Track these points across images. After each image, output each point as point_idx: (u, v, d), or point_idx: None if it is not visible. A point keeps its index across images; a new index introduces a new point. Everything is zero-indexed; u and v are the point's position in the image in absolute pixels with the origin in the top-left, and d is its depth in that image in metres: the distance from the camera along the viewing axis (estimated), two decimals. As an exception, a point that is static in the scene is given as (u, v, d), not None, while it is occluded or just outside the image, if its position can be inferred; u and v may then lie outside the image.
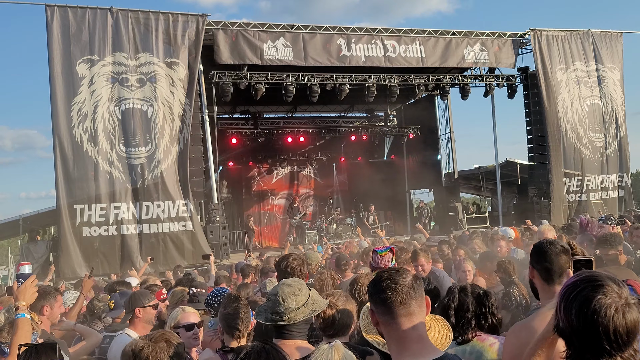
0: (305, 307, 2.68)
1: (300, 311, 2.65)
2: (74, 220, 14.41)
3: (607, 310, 1.55)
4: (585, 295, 1.59)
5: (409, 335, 1.96)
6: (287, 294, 2.66)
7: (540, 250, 2.78)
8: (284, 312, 2.62)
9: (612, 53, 21.06)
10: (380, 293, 2.01)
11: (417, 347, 1.96)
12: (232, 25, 16.57)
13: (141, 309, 4.02)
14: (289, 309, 2.63)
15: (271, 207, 25.30)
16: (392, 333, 2.00)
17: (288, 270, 4.16)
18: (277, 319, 2.63)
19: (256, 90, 16.77)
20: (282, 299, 2.64)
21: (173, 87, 15.57)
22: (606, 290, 1.59)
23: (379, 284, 2.04)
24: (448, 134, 23.68)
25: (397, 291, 1.98)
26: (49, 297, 4.03)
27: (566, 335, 1.63)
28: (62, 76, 14.58)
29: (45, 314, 3.94)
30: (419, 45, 18.34)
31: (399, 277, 2.02)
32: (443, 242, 8.92)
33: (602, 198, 20.45)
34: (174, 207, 15.34)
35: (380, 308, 2.02)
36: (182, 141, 15.57)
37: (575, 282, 1.64)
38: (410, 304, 1.98)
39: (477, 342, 2.99)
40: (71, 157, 14.49)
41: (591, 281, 1.62)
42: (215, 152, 17.12)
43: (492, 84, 19.74)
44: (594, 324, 1.55)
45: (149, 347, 2.57)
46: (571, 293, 1.62)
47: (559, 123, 19.63)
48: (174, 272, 10.67)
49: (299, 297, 2.68)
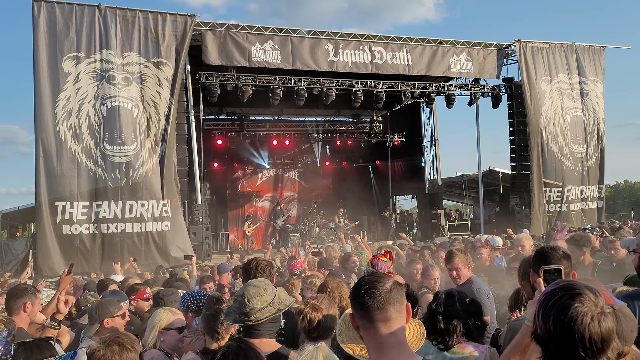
0: (271, 307, 2.73)
1: (266, 310, 2.71)
2: (55, 218, 14.24)
3: (583, 318, 1.60)
4: (563, 303, 1.64)
5: (387, 340, 1.98)
6: (253, 294, 2.72)
7: (543, 256, 2.85)
8: (250, 313, 2.68)
9: (595, 66, 21.41)
10: (359, 297, 2.03)
11: (394, 352, 1.98)
12: (220, 27, 16.56)
13: (110, 319, 3.91)
14: (255, 309, 2.68)
15: (255, 209, 25.26)
16: (371, 338, 2.02)
17: (258, 269, 4.20)
18: (244, 319, 2.68)
19: (243, 92, 16.76)
20: (247, 300, 2.69)
21: (160, 87, 15.50)
22: (583, 299, 1.64)
23: (359, 289, 2.05)
24: (433, 141, 23.86)
25: (374, 296, 1.99)
26: (30, 294, 4.00)
27: (543, 342, 1.67)
28: (48, 72, 14.42)
29: (27, 311, 3.92)
30: (405, 52, 18.48)
31: (378, 282, 2.04)
32: (425, 248, 9.02)
33: (582, 209, 20.76)
34: (158, 207, 15.25)
35: (358, 312, 2.04)
36: (167, 141, 15.49)
37: (554, 290, 1.69)
38: (388, 309, 1.99)
39: (458, 350, 3.03)
40: (54, 154, 14.32)
41: (569, 290, 1.67)
42: (200, 153, 17.08)
43: (477, 93, 19.97)
44: (570, 331, 1.60)
45: (101, 351, 2.64)
46: (550, 300, 1.67)
47: (541, 134, 19.90)
48: (156, 273, 10.61)
49: (264, 297, 2.74)
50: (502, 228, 14.32)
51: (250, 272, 4.25)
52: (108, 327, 3.86)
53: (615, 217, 22.71)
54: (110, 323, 3.90)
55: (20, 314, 3.86)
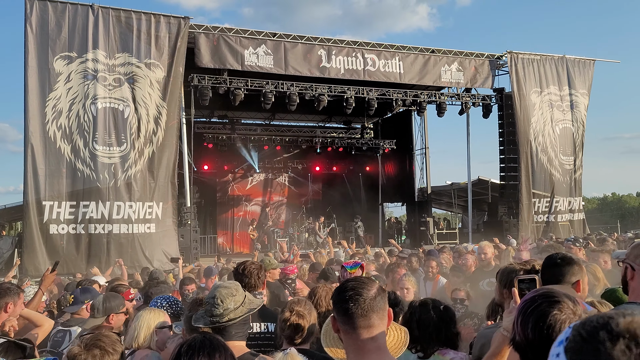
0: (243, 307, 2.75)
1: (239, 310, 2.72)
2: (42, 217, 14.14)
3: (561, 326, 1.61)
4: (541, 310, 1.65)
5: (367, 345, 1.98)
6: (225, 295, 2.72)
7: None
8: (223, 313, 2.68)
9: (584, 79, 21.63)
10: (343, 303, 2.02)
11: (374, 357, 1.98)
12: (214, 30, 16.57)
13: (115, 315, 3.94)
14: (229, 309, 2.69)
15: (244, 213, 25.21)
16: (351, 342, 2.01)
17: (245, 273, 4.20)
18: (216, 321, 2.68)
19: (235, 95, 16.76)
20: (220, 301, 2.70)
21: (151, 88, 15.46)
22: (562, 307, 1.66)
23: (343, 294, 2.04)
24: (423, 150, 23.95)
25: (359, 303, 1.98)
26: (12, 295, 3.95)
27: (521, 349, 1.69)
28: (38, 71, 14.34)
29: (9, 311, 3.88)
30: (398, 60, 18.57)
31: (363, 288, 2.03)
32: (413, 255, 9.03)
33: (569, 220, 20.92)
34: (145, 209, 15.19)
35: (341, 317, 2.03)
36: (154, 144, 15.44)
37: (534, 298, 1.71)
38: (371, 317, 1.98)
39: (439, 356, 3.04)
40: (43, 153, 14.23)
41: (548, 297, 1.69)
42: (190, 156, 17.04)
43: (468, 103, 20.10)
44: (548, 338, 1.61)
45: (82, 356, 2.61)
46: (529, 308, 1.69)
47: (530, 145, 20.06)
48: (142, 274, 10.54)
49: (237, 297, 2.76)
50: (490, 237, 14.34)
51: (239, 275, 4.25)
52: (112, 323, 3.86)
53: (603, 229, 22.88)
54: (115, 319, 3.90)
55: (0, 314, 3.81)
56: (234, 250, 23.58)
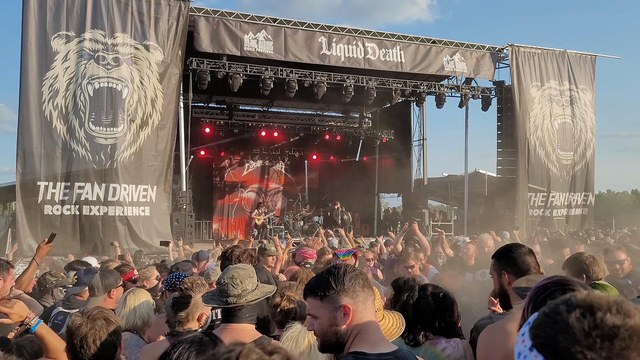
0: (258, 290, 2.72)
1: (256, 293, 2.69)
2: (36, 198, 14.06)
3: None
4: (554, 297, 1.62)
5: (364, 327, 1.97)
6: (244, 276, 2.68)
7: (506, 251, 2.85)
8: (241, 294, 2.63)
9: (586, 75, 21.58)
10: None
11: (372, 338, 1.96)
12: (214, 13, 16.40)
13: (115, 290, 3.96)
14: (247, 290, 2.64)
15: (240, 199, 25.17)
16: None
17: (233, 260, 4.20)
18: (234, 302, 2.63)
19: (234, 80, 16.63)
20: (239, 281, 2.65)
21: (149, 70, 15.33)
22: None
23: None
24: (421, 141, 23.90)
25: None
26: (2, 270, 3.91)
27: None
28: (36, 50, 14.18)
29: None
30: (399, 50, 18.47)
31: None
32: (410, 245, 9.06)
33: (566, 215, 20.94)
34: (139, 191, 15.11)
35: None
36: (150, 127, 15.33)
37: (547, 285, 1.68)
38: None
39: (430, 347, 2.97)
40: (38, 133, 14.10)
41: (562, 284, 1.66)
42: (187, 140, 16.95)
43: (467, 95, 20.01)
44: None
45: (87, 325, 2.56)
46: (541, 295, 1.65)
47: (529, 139, 20.03)
48: (136, 257, 10.51)
49: (254, 278, 2.72)
50: (486, 230, 14.35)
51: (226, 261, 4.26)
52: (113, 298, 3.84)
53: (597, 226, 22.93)
54: (115, 293, 3.89)
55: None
56: (229, 237, 23.54)
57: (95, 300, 3.82)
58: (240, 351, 1.03)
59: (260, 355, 1.03)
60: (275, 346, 1.09)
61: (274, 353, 1.05)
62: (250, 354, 1.02)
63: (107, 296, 3.87)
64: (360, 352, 1.91)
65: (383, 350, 1.94)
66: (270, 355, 1.05)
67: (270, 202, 25.39)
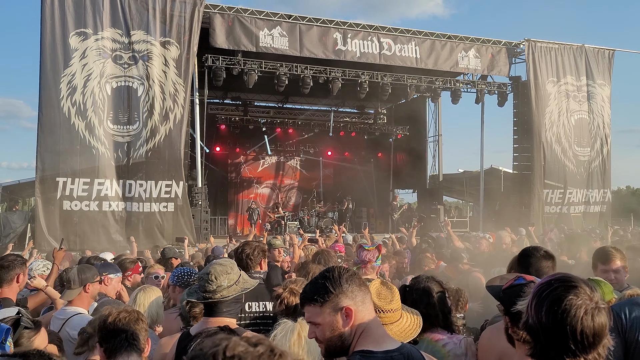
0: (237, 286, 2.75)
1: (232, 289, 2.72)
2: (55, 193, 14.26)
3: (577, 311, 1.58)
4: (557, 294, 1.62)
5: (370, 325, 2.00)
6: (220, 272, 2.73)
7: (526, 254, 2.86)
8: (216, 290, 2.69)
9: (604, 70, 21.29)
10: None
11: (377, 336, 1.99)
12: (229, 10, 16.46)
13: (91, 284, 3.95)
14: (222, 286, 2.69)
15: (255, 195, 25.26)
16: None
17: (243, 257, 4.22)
18: (208, 297, 2.70)
19: (249, 77, 16.68)
20: (214, 277, 2.70)
21: (166, 66, 15.44)
22: (578, 292, 1.62)
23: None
24: (436, 137, 23.78)
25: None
26: (21, 266, 4.02)
27: (533, 332, 1.66)
28: (54, 47, 14.38)
29: (19, 282, 3.94)
30: (414, 45, 18.38)
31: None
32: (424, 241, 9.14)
33: (583, 212, 20.72)
34: (157, 188, 15.25)
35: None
36: (172, 122, 15.45)
37: (550, 281, 1.68)
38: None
39: (431, 342, 2.95)
40: (57, 129, 14.32)
41: (565, 281, 1.66)
42: (203, 136, 17.05)
43: (483, 91, 19.85)
44: (562, 322, 1.58)
45: (125, 312, 2.65)
46: (544, 291, 1.66)
47: (545, 135, 19.83)
48: (153, 252, 10.61)
49: (231, 275, 2.75)
50: (501, 227, 14.26)
51: (236, 254, 4.29)
52: (89, 292, 3.89)
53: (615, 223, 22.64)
54: (91, 288, 3.93)
55: (12, 284, 3.86)
56: (244, 232, 23.65)
57: (70, 293, 3.88)
58: (227, 345, 1.07)
59: (245, 347, 1.08)
60: (259, 338, 1.14)
61: (259, 344, 1.10)
62: (237, 346, 1.08)
63: (83, 290, 3.89)
64: (367, 350, 1.93)
65: (389, 347, 1.97)
66: (255, 346, 1.09)
67: (284, 198, 25.46)
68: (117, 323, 2.59)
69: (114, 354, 2.57)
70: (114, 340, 2.57)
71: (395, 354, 1.95)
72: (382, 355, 1.93)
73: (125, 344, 2.58)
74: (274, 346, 1.11)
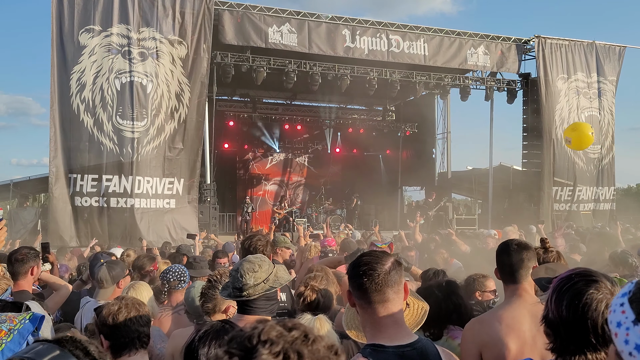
0: (265, 284, 2.70)
1: (259, 287, 2.68)
2: (67, 189, 14.37)
3: (598, 305, 1.58)
4: (578, 288, 1.62)
5: (383, 320, 1.98)
6: (246, 269, 2.70)
7: (501, 248, 2.86)
8: (242, 288, 2.67)
9: (614, 67, 21.14)
10: (357, 278, 2.01)
11: (391, 331, 1.98)
12: (238, 7, 16.47)
13: (122, 280, 4.04)
14: (247, 285, 2.66)
15: (263, 192, 25.30)
16: (367, 317, 2.02)
17: (251, 249, 4.24)
18: (237, 294, 2.68)
19: (257, 74, 16.70)
20: (240, 275, 2.69)
21: (173, 65, 15.47)
22: (599, 286, 1.62)
23: (357, 269, 2.03)
24: (444, 134, 23.74)
25: (372, 278, 1.97)
26: (35, 258, 4.08)
27: (554, 326, 1.66)
28: (64, 44, 14.45)
29: (34, 274, 4.00)
30: (423, 42, 18.31)
31: (377, 263, 2.01)
32: (431, 239, 9.15)
33: (593, 209, 20.60)
34: (163, 184, 15.30)
35: (356, 292, 2.03)
36: (176, 121, 15.49)
37: (570, 276, 1.68)
38: (386, 291, 1.97)
39: (449, 339, 2.98)
40: (67, 126, 14.41)
41: (585, 276, 1.66)
42: (211, 133, 17.09)
43: (492, 88, 19.78)
44: (583, 316, 1.58)
45: (124, 302, 2.70)
46: (564, 285, 1.65)
47: (555, 132, 19.72)
48: (162, 249, 10.67)
49: (258, 273, 2.70)
50: (510, 224, 14.22)
51: (244, 250, 4.32)
52: (121, 288, 3.95)
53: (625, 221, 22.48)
54: (123, 283, 3.99)
55: (27, 277, 3.92)
56: (254, 229, 23.68)
57: (104, 293, 3.94)
58: (262, 328, 1.09)
59: (280, 332, 1.09)
60: (295, 322, 1.15)
61: (294, 329, 1.11)
62: (271, 330, 1.09)
63: (116, 286, 3.96)
64: (379, 344, 1.94)
65: (401, 342, 1.97)
66: (290, 331, 1.10)
67: (292, 194, 25.48)
68: (121, 317, 2.64)
69: (120, 349, 2.61)
70: (119, 336, 2.61)
71: (407, 349, 1.95)
72: (393, 350, 1.92)
73: (134, 335, 2.62)
74: (308, 331, 1.12)
